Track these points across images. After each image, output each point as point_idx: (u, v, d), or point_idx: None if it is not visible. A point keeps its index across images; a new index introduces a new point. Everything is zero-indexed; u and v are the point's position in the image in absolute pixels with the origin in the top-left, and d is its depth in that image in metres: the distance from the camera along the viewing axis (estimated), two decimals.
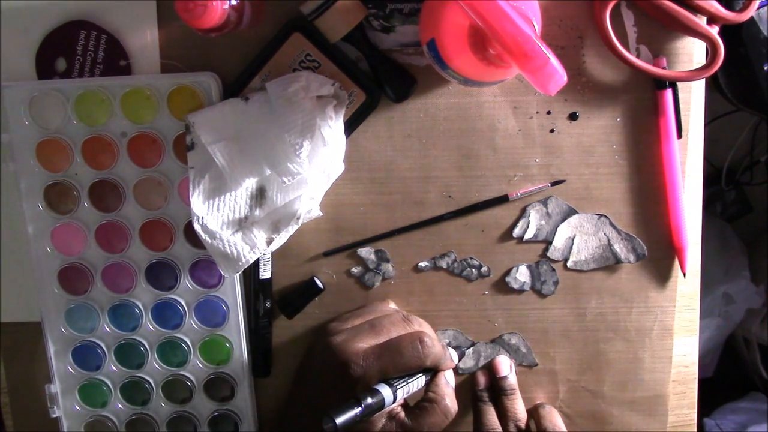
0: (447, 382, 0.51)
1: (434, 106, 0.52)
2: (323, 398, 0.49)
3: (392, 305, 0.55)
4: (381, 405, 0.45)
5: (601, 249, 0.54)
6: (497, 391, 0.54)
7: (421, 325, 0.52)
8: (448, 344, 0.56)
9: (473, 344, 0.56)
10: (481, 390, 0.55)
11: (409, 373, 0.49)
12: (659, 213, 0.53)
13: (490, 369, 0.55)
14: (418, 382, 0.49)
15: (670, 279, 0.54)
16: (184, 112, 0.50)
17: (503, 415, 0.53)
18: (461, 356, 0.56)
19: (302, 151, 0.47)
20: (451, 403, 0.49)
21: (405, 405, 0.50)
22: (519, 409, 0.53)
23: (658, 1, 0.49)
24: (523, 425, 0.52)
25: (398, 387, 0.47)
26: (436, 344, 0.49)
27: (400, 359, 0.47)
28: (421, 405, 0.49)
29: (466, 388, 0.56)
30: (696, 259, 0.55)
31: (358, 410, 0.43)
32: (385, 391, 0.45)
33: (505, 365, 0.55)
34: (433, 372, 0.51)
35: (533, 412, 0.55)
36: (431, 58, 0.46)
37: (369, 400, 0.44)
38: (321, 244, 0.54)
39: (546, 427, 0.53)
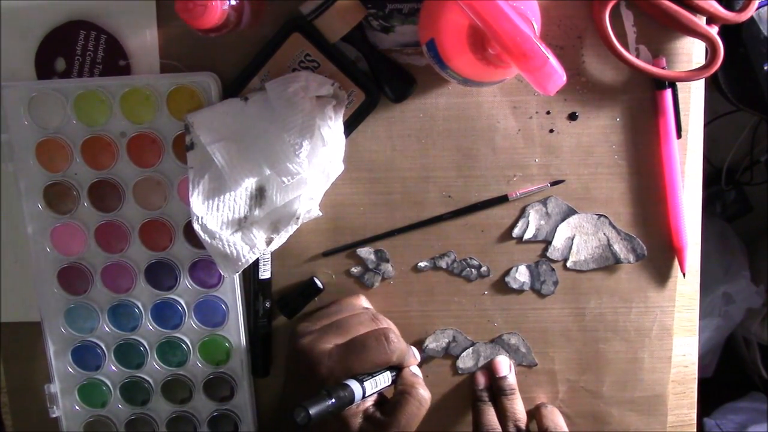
0: (414, 373, 0.51)
1: (434, 106, 0.52)
2: (295, 400, 0.49)
3: (364, 301, 0.55)
4: (351, 399, 0.45)
5: (601, 249, 0.54)
6: (497, 391, 0.54)
7: (389, 325, 0.52)
8: (448, 344, 0.56)
9: (473, 344, 0.56)
10: (481, 390, 0.55)
11: (376, 370, 0.49)
12: (659, 213, 0.53)
13: (489, 369, 0.55)
14: (385, 377, 0.49)
15: (670, 279, 0.54)
16: (184, 112, 0.50)
17: (503, 415, 0.53)
18: (460, 357, 0.56)
19: (301, 151, 0.47)
20: (423, 390, 0.49)
21: (379, 403, 0.50)
22: (518, 409, 0.53)
23: (657, 1, 0.49)
24: (522, 425, 0.52)
25: (365, 380, 0.47)
26: (401, 341, 0.49)
27: (366, 355, 0.47)
28: (393, 399, 0.49)
29: (465, 388, 0.56)
30: (696, 259, 0.55)
31: (330, 402, 0.43)
32: (354, 385, 0.46)
33: (505, 365, 0.55)
34: (398, 369, 0.51)
35: (535, 412, 0.55)
36: (430, 58, 0.46)
37: (340, 393, 0.44)
38: (320, 244, 0.54)
39: (548, 427, 0.53)
